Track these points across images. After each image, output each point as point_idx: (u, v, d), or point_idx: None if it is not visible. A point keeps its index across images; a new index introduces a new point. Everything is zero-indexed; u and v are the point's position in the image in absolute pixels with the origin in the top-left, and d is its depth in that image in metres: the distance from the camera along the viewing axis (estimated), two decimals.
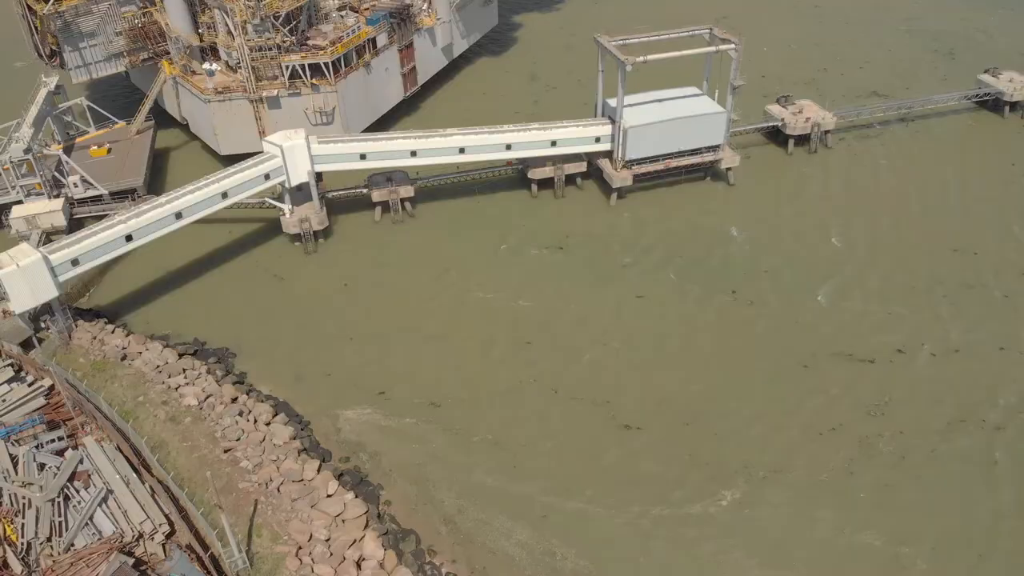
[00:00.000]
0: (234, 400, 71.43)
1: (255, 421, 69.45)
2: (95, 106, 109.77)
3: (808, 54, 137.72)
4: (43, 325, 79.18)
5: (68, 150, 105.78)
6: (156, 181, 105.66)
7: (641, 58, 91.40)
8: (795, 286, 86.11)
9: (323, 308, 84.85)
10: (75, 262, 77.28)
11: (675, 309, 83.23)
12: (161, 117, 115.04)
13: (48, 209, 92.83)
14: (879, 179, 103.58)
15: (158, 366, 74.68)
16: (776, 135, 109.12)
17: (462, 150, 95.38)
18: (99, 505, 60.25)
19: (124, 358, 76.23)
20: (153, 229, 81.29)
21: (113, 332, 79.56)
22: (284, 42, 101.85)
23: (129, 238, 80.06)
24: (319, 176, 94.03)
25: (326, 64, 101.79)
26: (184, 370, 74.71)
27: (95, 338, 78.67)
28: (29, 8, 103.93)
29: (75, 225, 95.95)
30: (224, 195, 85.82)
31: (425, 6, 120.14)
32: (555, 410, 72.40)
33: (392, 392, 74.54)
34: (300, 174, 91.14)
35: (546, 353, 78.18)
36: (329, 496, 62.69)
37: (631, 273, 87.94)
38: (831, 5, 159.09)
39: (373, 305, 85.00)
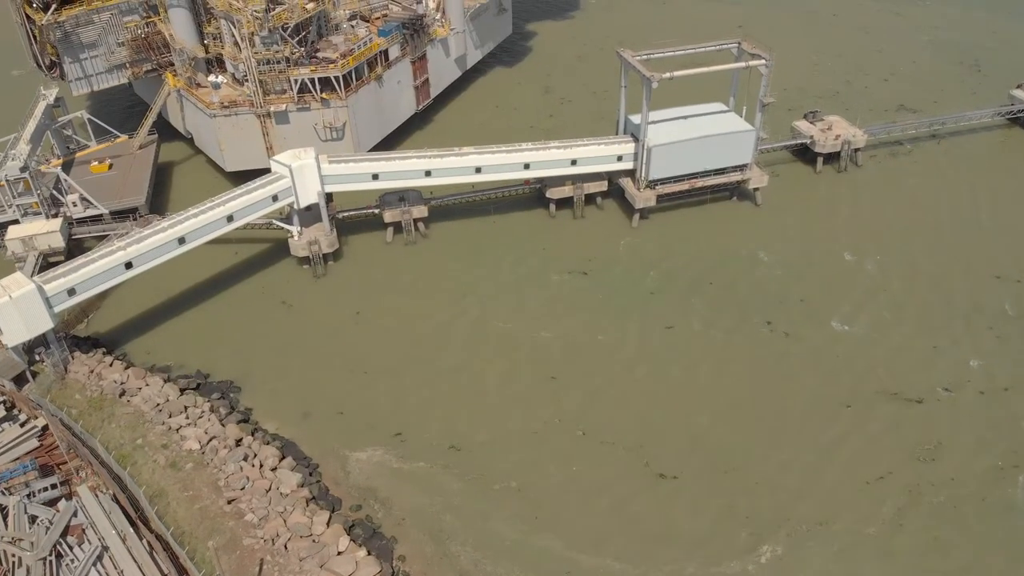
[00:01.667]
0: (238, 442, 65.92)
1: (260, 466, 63.97)
2: (96, 119, 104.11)
3: (830, 65, 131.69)
4: (37, 357, 73.60)
5: (68, 165, 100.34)
6: (159, 198, 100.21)
7: (668, 74, 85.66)
8: (831, 315, 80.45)
9: (333, 338, 79.25)
10: (71, 292, 71.80)
11: (706, 341, 77.59)
12: (165, 129, 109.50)
13: (46, 230, 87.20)
14: (912, 199, 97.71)
15: (158, 404, 69.13)
16: (803, 152, 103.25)
17: (478, 169, 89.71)
18: (94, 565, 54.83)
19: (123, 394, 70.72)
20: (154, 255, 75.78)
21: (111, 365, 74.02)
22: (293, 55, 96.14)
23: (129, 265, 74.56)
24: (329, 197, 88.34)
25: (337, 78, 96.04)
26: (186, 408, 69.20)
27: (92, 371, 73.15)
28: (28, 17, 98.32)
29: (74, 246, 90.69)
30: (230, 218, 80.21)
31: (439, 16, 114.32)
32: (582, 454, 66.79)
33: (408, 433, 69.00)
34: (309, 195, 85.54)
35: (571, 390, 72.60)
36: (340, 553, 57.21)
37: (658, 301, 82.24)
38: (850, 14, 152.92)
39: (386, 335, 79.38)
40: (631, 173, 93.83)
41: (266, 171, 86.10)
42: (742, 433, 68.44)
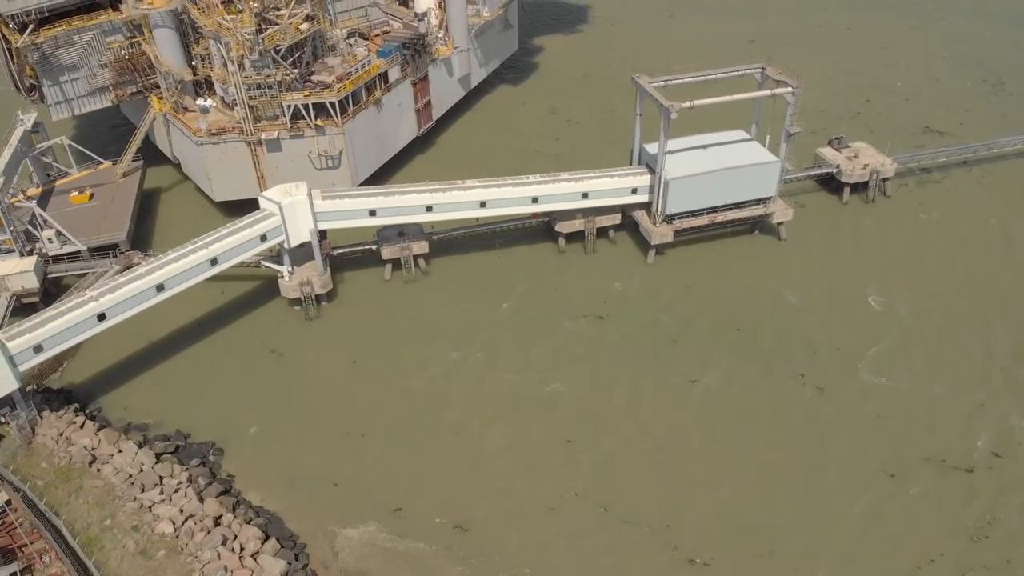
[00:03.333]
0: (217, 521, 58.17)
1: (241, 550, 56.17)
2: (77, 145, 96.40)
3: (848, 83, 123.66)
4: (2, 419, 65.75)
5: (47, 194, 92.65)
6: (143, 230, 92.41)
7: (687, 104, 77.83)
8: (865, 367, 72.69)
9: (326, 392, 71.50)
10: (38, 348, 64.08)
11: (734, 398, 69.68)
12: (153, 152, 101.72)
13: (19, 269, 79.36)
14: (944, 233, 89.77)
15: (130, 475, 61.33)
16: (828, 181, 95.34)
17: (483, 204, 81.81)
18: None
19: (93, 461, 62.95)
20: (130, 305, 67.96)
21: (82, 427, 66.15)
22: (286, 78, 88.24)
23: (102, 317, 66.73)
24: (323, 234, 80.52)
25: (332, 103, 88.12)
26: (161, 479, 61.41)
27: (61, 435, 65.36)
28: (4, 37, 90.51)
29: (50, 285, 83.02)
30: (214, 261, 72.29)
31: (441, 34, 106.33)
32: (604, 536, 58.90)
33: (407, 506, 61.22)
34: (301, 233, 77.76)
35: (590, 456, 64.69)
36: None
37: (680, 350, 74.40)
38: (864, 27, 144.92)
39: (384, 389, 71.61)
40: (646, 206, 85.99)
41: (257, 201, 78.43)
42: (776, 507, 60.66)
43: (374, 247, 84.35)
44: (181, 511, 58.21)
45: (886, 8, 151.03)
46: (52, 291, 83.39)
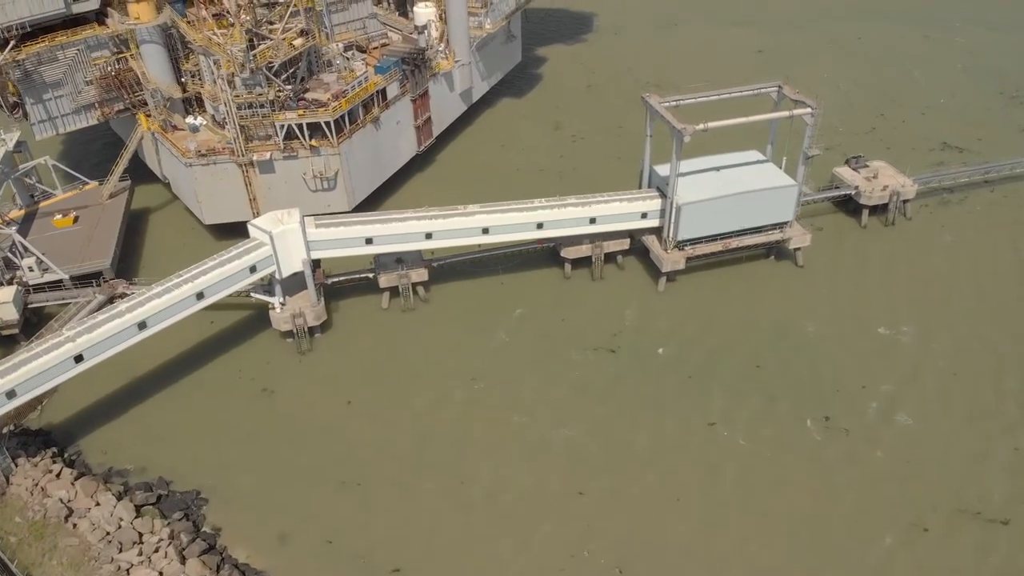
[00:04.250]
0: None
1: None
2: (61, 165, 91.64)
3: (861, 96, 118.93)
4: None
5: (30, 216, 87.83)
6: (130, 254, 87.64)
7: (701, 126, 72.98)
8: (894, 406, 67.88)
9: (320, 436, 66.59)
10: (10, 394, 59.36)
11: (758, 443, 64.61)
12: (142, 170, 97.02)
13: None
14: (969, 257, 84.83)
15: (108, 532, 56.48)
16: (846, 201, 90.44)
17: (486, 230, 76.93)
18: None
19: (69, 515, 58.14)
20: (110, 345, 63.15)
21: (59, 476, 61.30)
22: (279, 96, 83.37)
23: (79, 359, 61.85)
24: (316, 263, 75.69)
25: (328, 123, 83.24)
26: (140, 536, 56.65)
27: (37, 484, 60.56)
28: None
29: (31, 315, 78.21)
30: (199, 296, 67.40)
31: (442, 47, 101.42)
32: None
33: (406, 567, 56.31)
34: (293, 263, 72.89)
35: (604, 510, 59.60)
36: None
37: (698, 389, 69.45)
38: (875, 37, 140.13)
39: (382, 432, 66.74)
40: (657, 230, 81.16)
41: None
42: (806, 567, 55.69)
43: (371, 275, 79.47)
44: (161, 574, 53.30)
45: (895, 17, 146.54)
46: (33, 321, 78.71)
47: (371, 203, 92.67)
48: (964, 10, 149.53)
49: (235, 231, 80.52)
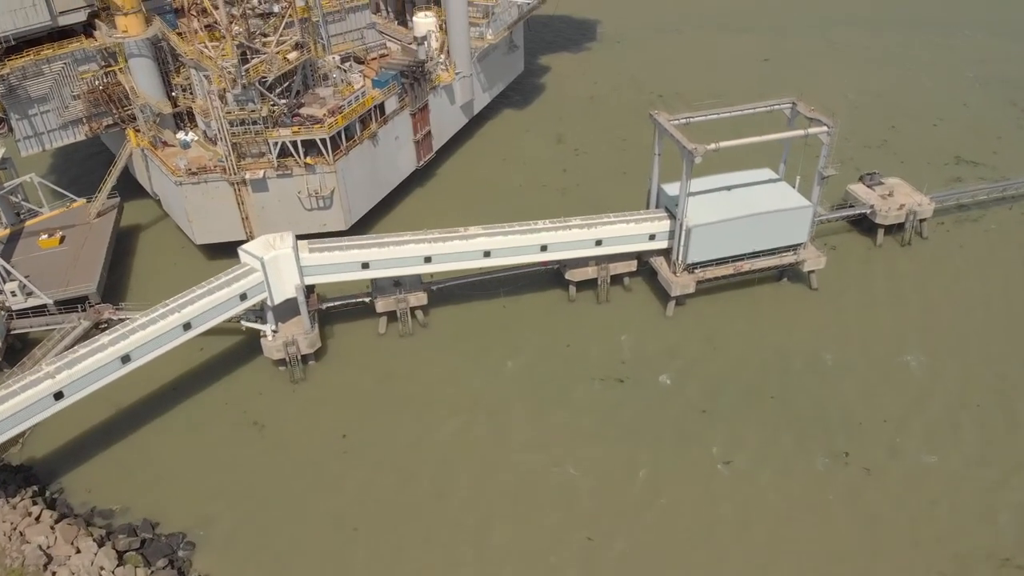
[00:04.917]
0: None
1: None
2: (47, 182, 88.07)
3: (871, 107, 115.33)
4: None
5: (15, 236, 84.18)
6: (118, 275, 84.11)
7: (712, 146, 69.50)
8: (915, 442, 64.38)
9: (313, 474, 63.07)
10: None
11: (774, 483, 61.02)
12: (132, 185, 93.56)
13: None
14: (989, 280, 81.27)
15: None
16: (860, 220, 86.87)
17: (488, 253, 73.40)
18: None
19: (48, 563, 54.58)
20: (92, 380, 59.53)
21: (39, 519, 57.76)
22: (273, 111, 79.82)
23: (59, 396, 58.24)
24: (310, 289, 72.15)
25: (323, 140, 79.68)
26: None
27: (15, 528, 57.00)
28: None
29: (15, 341, 74.78)
30: (187, 326, 63.83)
31: (442, 59, 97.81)
32: None
33: None
34: (286, 289, 69.40)
35: (615, 559, 56.00)
36: None
37: (709, 423, 65.90)
38: (882, 44, 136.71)
39: (378, 471, 63.20)
40: (665, 251, 77.65)
41: (242, 243, 70.33)
42: None
43: (368, 299, 75.93)
44: None
45: (904, 24, 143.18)
46: (18, 347, 75.32)
47: (369, 220, 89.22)
48: (971, 16, 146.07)
49: (228, 250, 77.02)
